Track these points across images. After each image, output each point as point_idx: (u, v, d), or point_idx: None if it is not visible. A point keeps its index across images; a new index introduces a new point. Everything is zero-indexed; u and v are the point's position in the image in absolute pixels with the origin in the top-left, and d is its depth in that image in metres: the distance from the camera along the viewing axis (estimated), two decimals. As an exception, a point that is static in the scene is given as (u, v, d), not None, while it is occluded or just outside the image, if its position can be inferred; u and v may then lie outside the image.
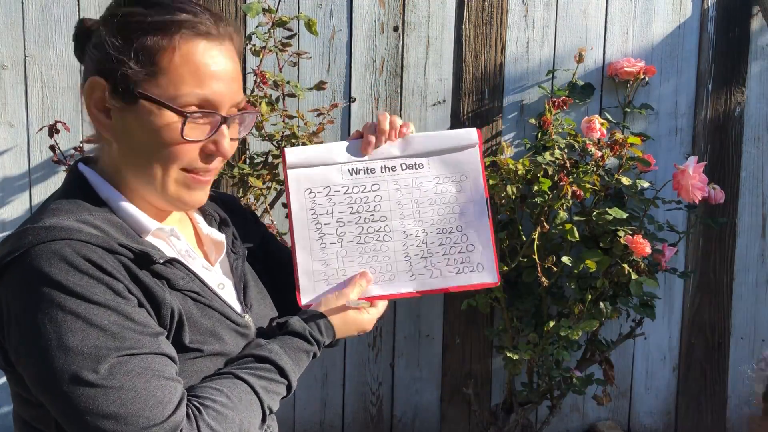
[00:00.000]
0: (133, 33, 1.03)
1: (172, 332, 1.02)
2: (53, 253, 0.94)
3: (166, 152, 1.05)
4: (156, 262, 1.01)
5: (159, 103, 1.02)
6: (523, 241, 2.32)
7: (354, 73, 2.50)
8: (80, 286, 0.93)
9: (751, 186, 2.71)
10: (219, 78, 1.05)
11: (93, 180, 1.10)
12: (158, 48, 1.02)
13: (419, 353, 2.66)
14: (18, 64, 2.36)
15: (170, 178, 1.07)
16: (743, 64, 2.65)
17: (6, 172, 2.39)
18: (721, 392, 2.77)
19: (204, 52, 1.04)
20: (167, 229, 1.11)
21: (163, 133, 1.04)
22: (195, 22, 1.05)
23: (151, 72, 1.02)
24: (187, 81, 1.03)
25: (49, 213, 1.02)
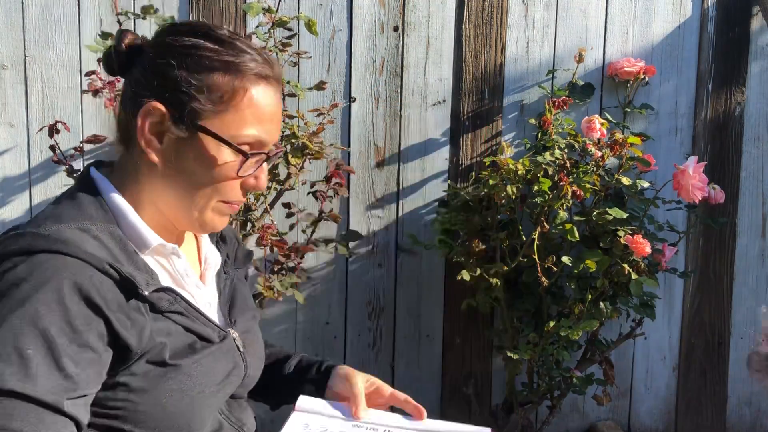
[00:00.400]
0: (204, 69, 1.06)
1: (152, 353, 1.02)
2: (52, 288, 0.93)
3: (216, 185, 1.09)
4: (140, 293, 1.01)
5: (221, 140, 1.06)
6: (523, 241, 2.32)
7: (354, 73, 2.50)
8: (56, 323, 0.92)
9: (751, 186, 2.71)
10: (272, 120, 1.11)
11: (102, 187, 1.11)
12: (229, 88, 1.06)
13: (419, 353, 2.66)
14: (18, 64, 2.36)
15: (210, 207, 1.11)
16: (743, 64, 2.65)
17: (6, 172, 2.39)
18: (721, 392, 2.77)
19: (266, 95, 1.09)
20: (169, 247, 1.12)
21: (218, 169, 1.08)
22: (262, 65, 1.09)
23: (218, 110, 1.06)
24: (249, 122, 1.07)
25: (53, 218, 1.03)
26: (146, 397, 1.02)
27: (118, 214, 1.08)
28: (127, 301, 1.00)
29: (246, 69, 1.07)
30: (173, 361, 1.04)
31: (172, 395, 1.04)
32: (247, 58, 1.08)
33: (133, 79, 1.10)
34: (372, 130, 2.53)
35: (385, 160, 2.55)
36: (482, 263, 2.34)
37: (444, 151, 2.58)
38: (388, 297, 2.61)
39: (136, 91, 1.09)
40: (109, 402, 1.00)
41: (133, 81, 1.10)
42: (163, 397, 1.03)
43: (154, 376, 1.02)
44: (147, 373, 1.02)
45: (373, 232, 2.58)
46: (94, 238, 1.01)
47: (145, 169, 1.10)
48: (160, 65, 1.07)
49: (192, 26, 1.12)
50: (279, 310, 2.55)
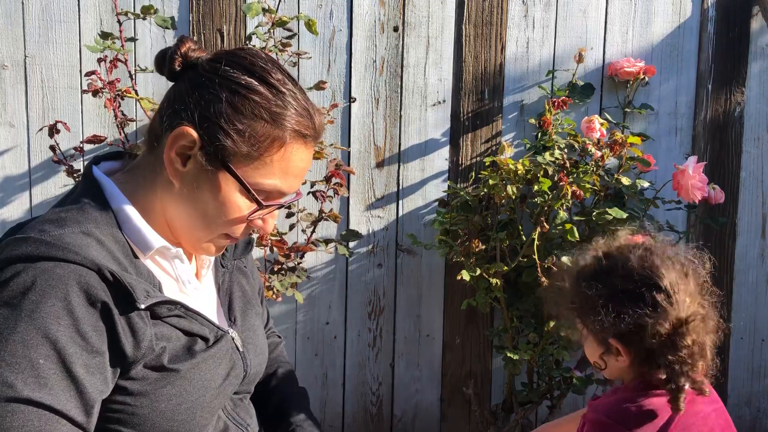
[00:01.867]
0: (250, 114, 1.05)
1: (150, 358, 1.02)
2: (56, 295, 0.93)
3: (224, 222, 1.09)
4: (137, 308, 1.00)
5: (243, 186, 1.06)
6: (523, 241, 2.32)
7: (354, 73, 2.50)
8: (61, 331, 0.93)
9: (751, 186, 2.71)
10: (298, 175, 1.11)
11: (107, 187, 1.09)
12: (267, 140, 1.06)
13: (419, 353, 2.66)
14: (18, 64, 2.36)
15: (211, 238, 1.12)
16: (743, 64, 2.65)
17: (6, 172, 2.39)
18: (720, 392, 2.77)
19: (299, 152, 1.09)
20: (173, 251, 1.12)
21: (232, 209, 1.08)
22: (306, 124, 1.09)
23: (250, 156, 1.06)
24: (276, 175, 1.08)
25: (56, 222, 1.01)
26: (145, 402, 1.02)
27: (121, 216, 1.07)
28: (129, 308, 0.99)
29: (287, 124, 1.06)
30: (172, 365, 1.04)
31: (171, 400, 1.04)
32: (292, 113, 1.07)
33: (178, 92, 1.08)
34: (372, 130, 2.53)
35: (385, 160, 2.55)
36: (482, 263, 2.34)
37: (444, 151, 2.58)
38: (388, 297, 2.61)
39: (177, 106, 1.07)
40: (107, 405, 1.00)
41: (177, 94, 1.08)
42: (162, 402, 1.03)
43: (153, 380, 1.02)
44: (145, 377, 1.02)
45: (373, 232, 2.58)
46: (97, 242, 1.00)
47: (164, 181, 1.09)
48: (209, 92, 1.05)
49: (252, 63, 1.08)
50: (279, 310, 2.55)
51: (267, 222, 1.13)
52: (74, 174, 2.25)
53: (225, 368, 1.13)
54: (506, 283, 2.42)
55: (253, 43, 2.25)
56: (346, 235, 2.46)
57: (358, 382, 2.65)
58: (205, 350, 1.09)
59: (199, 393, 1.07)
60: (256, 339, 1.26)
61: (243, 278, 1.31)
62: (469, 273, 2.28)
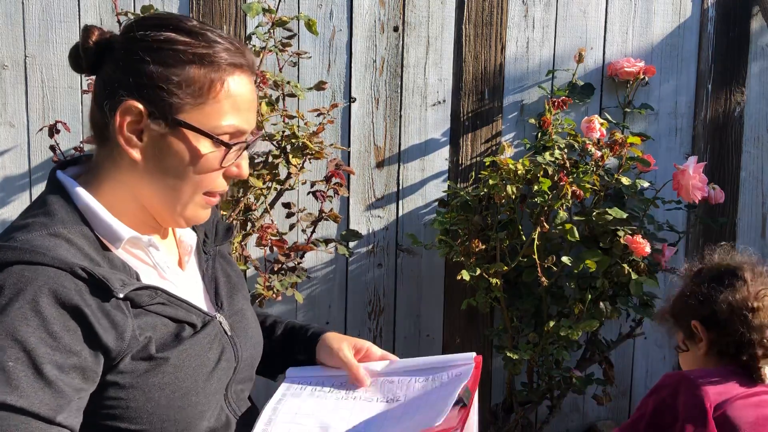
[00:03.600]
0: (179, 63, 1.05)
1: (136, 350, 1.01)
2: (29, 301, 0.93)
3: (200, 178, 1.09)
4: (115, 296, 0.99)
5: (202, 133, 1.06)
6: (523, 241, 2.32)
7: (354, 73, 2.50)
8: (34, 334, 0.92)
9: (751, 186, 2.71)
10: (250, 108, 1.11)
11: (69, 188, 1.09)
12: (206, 81, 1.06)
13: (419, 353, 2.66)
14: (18, 64, 2.36)
15: (193, 201, 1.11)
16: (743, 64, 2.65)
17: (6, 172, 2.39)
18: (721, 392, 2.77)
19: (241, 83, 1.09)
20: (145, 240, 1.11)
21: (201, 162, 1.08)
22: (235, 54, 1.08)
23: (197, 103, 1.06)
24: (228, 112, 1.07)
25: (23, 228, 1.01)
26: (137, 394, 1.01)
27: (88, 213, 1.07)
28: (105, 302, 0.99)
29: (220, 60, 1.06)
30: (160, 354, 1.03)
31: (165, 389, 1.03)
32: (220, 48, 1.07)
33: (106, 77, 1.08)
34: (372, 130, 2.53)
35: (385, 160, 2.55)
36: (482, 263, 2.34)
37: (444, 151, 2.58)
38: (388, 297, 2.61)
39: (110, 89, 1.07)
40: (100, 401, 1.00)
41: (106, 78, 1.08)
42: (155, 392, 1.02)
43: (143, 371, 1.02)
44: (135, 369, 1.01)
45: (373, 232, 2.58)
46: (66, 241, 1.00)
47: (126, 166, 1.09)
48: (133, 62, 1.05)
49: (161, 19, 1.09)
50: (279, 309, 2.55)
51: (241, 166, 1.12)
52: (74, 174, 2.25)
53: (215, 353, 1.12)
54: (506, 283, 2.42)
55: (253, 42, 2.25)
56: (346, 235, 2.46)
57: (358, 382, 2.65)
58: (192, 336, 1.09)
59: (191, 379, 1.07)
60: (246, 322, 1.25)
61: (227, 264, 1.31)
62: (469, 273, 2.28)
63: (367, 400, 1.21)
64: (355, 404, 1.20)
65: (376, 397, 1.21)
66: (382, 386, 1.23)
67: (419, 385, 1.22)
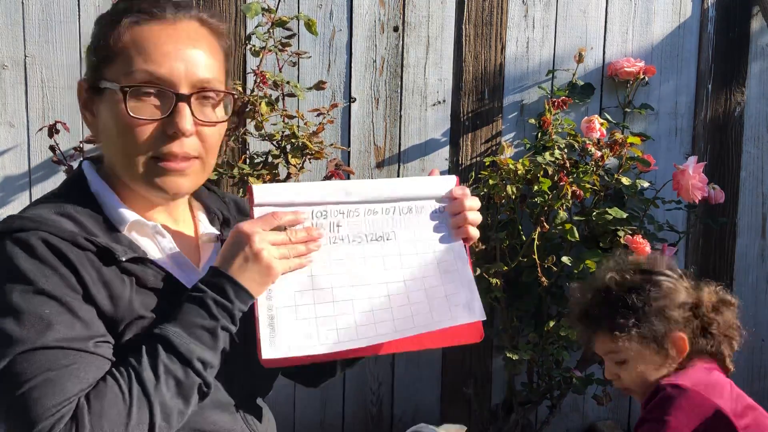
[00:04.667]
0: (99, 31, 1.11)
1: (136, 325, 1.02)
2: (18, 240, 0.99)
3: (125, 136, 1.07)
4: (118, 259, 1.03)
5: (110, 82, 1.07)
6: (523, 241, 2.32)
7: (354, 73, 2.50)
8: (32, 272, 0.97)
9: (751, 186, 2.71)
10: (169, 56, 1.07)
11: (88, 175, 1.14)
12: (108, 35, 1.08)
13: (419, 353, 2.66)
14: (18, 64, 2.36)
15: (139, 165, 1.08)
16: (743, 64, 2.65)
17: (6, 172, 2.39)
18: (721, 392, 2.77)
19: (152, 32, 1.08)
20: (150, 225, 1.12)
21: (117, 115, 1.07)
22: (138, 5, 1.09)
23: (108, 57, 1.08)
24: (135, 61, 1.06)
25: (35, 204, 1.08)
26: None
27: (100, 198, 1.11)
28: (106, 267, 1.02)
29: (122, 13, 1.09)
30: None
31: None
32: (125, 4, 1.11)
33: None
34: (372, 130, 2.53)
35: (385, 160, 2.55)
36: (482, 263, 2.34)
37: (444, 151, 2.58)
38: (388, 297, 2.61)
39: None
40: None
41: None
42: None
43: None
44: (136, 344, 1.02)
45: (373, 232, 2.57)
46: (71, 219, 1.04)
47: (102, 149, 1.14)
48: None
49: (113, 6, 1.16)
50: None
51: (175, 123, 1.06)
52: (74, 174, 2.25)
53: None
54: (506, 283, 2.42)
55: (253, 42, 2.25)
56: (346, 235, 2.46)
57: (358, 382, 2.65)
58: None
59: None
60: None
61: None
62: (469, 273, 2.28)
63: (356, 241, 1.15)
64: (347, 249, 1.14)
65: (363, 235, 1.15)
66: (366, 217, 1.16)
67: (404, 218, 1.18)
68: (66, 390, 0.93)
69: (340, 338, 1.09)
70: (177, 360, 0.99)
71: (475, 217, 1.22)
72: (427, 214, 1.20)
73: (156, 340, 0.99)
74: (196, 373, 1.00)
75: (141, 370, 0.97)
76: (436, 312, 1.16)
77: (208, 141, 1.11)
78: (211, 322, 1.01)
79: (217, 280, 1.03)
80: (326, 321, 1.10)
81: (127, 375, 0.97)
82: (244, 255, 1.03)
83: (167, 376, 0.98)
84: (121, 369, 0.98)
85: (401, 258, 1.17)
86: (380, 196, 1.16)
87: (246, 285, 1.03)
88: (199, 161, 1.11)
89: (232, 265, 1.04)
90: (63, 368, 0.94)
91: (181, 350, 0.99)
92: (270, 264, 1.04)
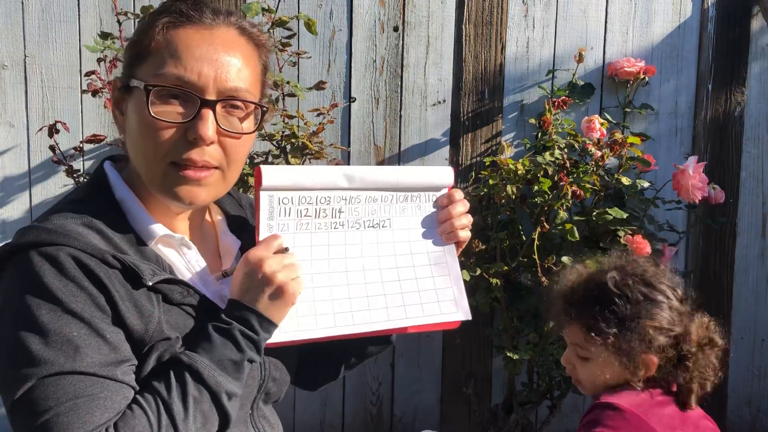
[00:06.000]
0: (138, 29, 1.09)
1: (160, 345, 1.01)
2: (45, 255, 0.96)
3: (146, 138, 1.04)
4: (144, 284, 1.00)
5: (138, 79, 1.05)
6: (523, 241, 2.32)
7: (354, 73, 2.50)
8: (60, 291, 0.95)
9: (751, 186, 2.70)
10: (200, 60, 1.04)
11: (113, 179, 1.11)
12: (144, 34, 1.06)
13: (419, 353, 2.66)
14: (18, 64, 2.36)
15: (158, 170, 1.05)
16: (743, 64, 2.65)
17: (6, 172, 2.39)
18: (721, 392, 2.77)
19: (186, 35, 1.05)
20: (177, 238, 1.10)
21: (140, 115, 1.04)
22: (178, 8, 1.07)
23: (138, 57, 1.06)
24: (166, 62, 1.04)
25: (59, 213, 1.03)
26: None
27: (125, 206, 1.08)
28: (135, 288, 1.00)
29: (159, 14, 1.07)
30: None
31: None
32: (164, 8, 1.09)
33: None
34: (372, 130, 2.53)
35: (385, 160, 2.55)
36: (482, 263, 2.34)
37: (444, 151, 2.58)
38: (388, 297, 2.61)
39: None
40: None
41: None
42: None
43: None
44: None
45: (373, 232, 2.58)
46: (98, 232, 1.01)
47: (128, 148, 1.11)
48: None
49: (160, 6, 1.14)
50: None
51: (197, 128, 1.03)
52: (74, 174, 2.25)
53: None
54: (506, 283, 2.42)
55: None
56: (346, 235, 2.46)
57: (358, 382, 2.65)
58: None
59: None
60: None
61: None
62: (469, 273, 2.28)
63: (354, 227, 1.18)
64: (346, 235, 1.18)
65: (362, 221, 1.19)
66: (366, 204, 1.20)
67: (400, 206, 1.23)
68: (94, 419, 0.91)
69: (337, 323, 1.13)
70: (206, 392, 0.99)
71: (463, 222, 1.24)
72: (423, 205, 1.24)
73: (184, 369, 0.99)
74: (221, 407, 1.01)
75: (170, 402, 0.96)
76: (427, 306, 1.21)
77: (231, 152, 1.07)
78: (239, 354, 1.02)
79: (240, 313, 1.04)
80: (323, 305, 1.13)
81: (155, 405, 0.96)
82: (260, 283, 1.04)
83: (195, 409, 0.98)
84: (148, 398, 0.96)
85: (394, 245, 1.21)
86: (381, 184, 1.20)
87: (268, 314, 1.04)
88: (219, 172, 1.08)
89: (250, 295, 1.04)
90: (91, 396, 0.92)
91: (210, 383, 0.99)
92: (286, 287, 1.05)
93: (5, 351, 0.94)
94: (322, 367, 1.35)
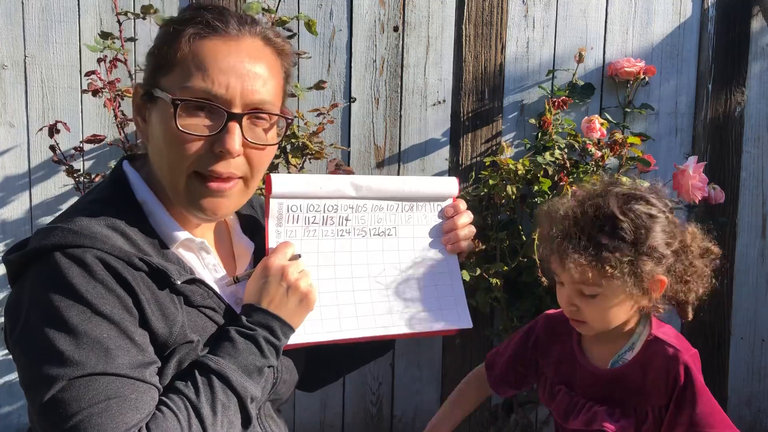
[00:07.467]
0: (161, 37, 1.08)
1: (183, 348, 1.02)
2: (72, 257, 0.96)
3: (172, 149, 1.04)
4: (173, 283, 1.02)
5: (164, 92, 1.04)
6: (523, 241, 2.32)
7: (354, 73, 2.50)
8: (89, 293, 0.95)
9: (751, 186, 2.70)
10: (227, 73, 1.04)
11: (133, 180, 1.11)
12: (169, 43, 1.06)
13: (419, 353, 2.66)
14: (18, 64, 2.36)
15: (181, 180, 1.06)
16: (743, 64, 2.65)
17: (6, 172, 2.39)
18: (721, 392, 2.77)
19: (213, 47, 1.05)
20: (197, 242, 1.11)
21: (166, 127, 1.04)
22: (204, 19, 1.06)
23: (163, 67, 1.05)
24: (193, 75, 1.03)
25: (84, 213, 1.03)
26: None
27: (146, 208, 1.09)
28: (160, 290, 1.01)
29: (186, 24, 1.06)
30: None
31: None
32: (188, 15, 1.08)
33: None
34: (372, 130, 2.53)
35: (385, 160, 2.55)
36: (482, 263, 2.34)
37: (444, 151, 2.58)
38: (388, 297, 2.61)
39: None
40: None
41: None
42: None
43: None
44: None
45: (373, 232, 2.57)
46: (121, 234, 1.02)
47: (149, 154, 1.11)
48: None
49: (187, 9, 1.13)
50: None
51: (223, 141, 1.04)
52: (74, 174, 2.25)
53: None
54: (506, 283, 2.42)
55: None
56: (346, 235, 2.46)
57: (358, 382, 2.65)
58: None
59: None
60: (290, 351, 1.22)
61: None
62: (469, 273, 2.28)
63: (360, 235, 1.22)
64: (352, 242, 1.21)
65: (368, 229, 1.23)
66: (372, 213, 1.23)
67: (405, 216, 1.26)
68: (127, 419, 0.92)
69: (342, 327, 1.17)
70: (234, 398, 1.01)
71: (466, 233, 1.27)
72: (427, 214, 1.27)
73: (212, 374, 1.00)
74: (246, 411, 1.03)
75: (199, 405, 0.98)
76: (429, 313, 1.24)
77: (255, 163, 1.09)
78: (262, 360, 1.05)
79: (263, 319, 1.06)
80: (329, 310, 1.16)
81: (185, 408, 0.97)
82: (282, 289, 1.07)
83: (223, 413, 0.99)
84: (176, 400, 0.97)
85: (399, 253, 1.24)
86: (387, 194, 1.23)
87: (290, 320, 1.07)
88: (242, 182, 1.09)
89: (275, 302, 1.07)
90: (122, 397, 0.93)
91: (238, 389, 1.01)
92: (308, 293, 1.09)
93: (34, 352, 0.94)
94: (323, 371, 1.37)
